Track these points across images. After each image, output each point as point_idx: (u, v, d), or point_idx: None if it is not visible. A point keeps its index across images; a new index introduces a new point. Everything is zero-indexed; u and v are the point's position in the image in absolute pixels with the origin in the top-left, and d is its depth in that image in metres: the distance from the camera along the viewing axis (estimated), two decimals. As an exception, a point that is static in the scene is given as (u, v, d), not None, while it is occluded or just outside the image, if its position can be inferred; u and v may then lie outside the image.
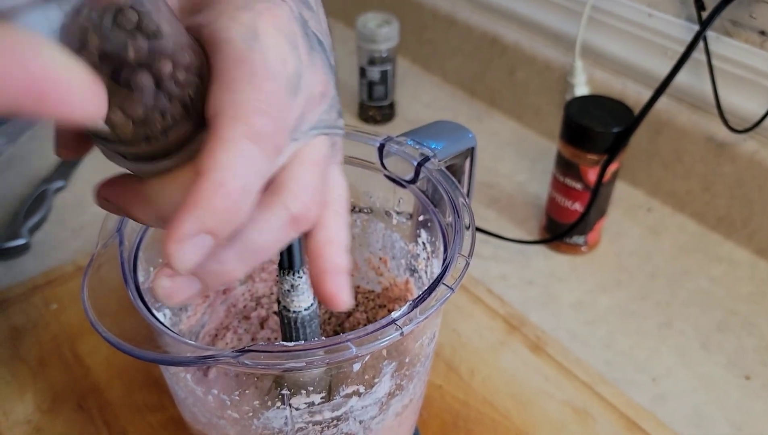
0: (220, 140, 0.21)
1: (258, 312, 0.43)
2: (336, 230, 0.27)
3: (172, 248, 0.21)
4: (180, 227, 0.21)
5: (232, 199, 0.21)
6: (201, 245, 0.21)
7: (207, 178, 0.21)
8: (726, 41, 0.60)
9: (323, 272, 0.27)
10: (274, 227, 0.24)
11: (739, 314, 0.58)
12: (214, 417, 0.32)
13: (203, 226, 0.21)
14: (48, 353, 0.53)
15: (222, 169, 0.21)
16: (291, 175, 0.24)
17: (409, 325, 0.28)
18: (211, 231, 0.21)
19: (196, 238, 0.21)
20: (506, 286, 0.60)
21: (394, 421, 0.34)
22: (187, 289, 0.24)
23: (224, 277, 0.24)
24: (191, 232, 0.21)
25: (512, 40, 0.78)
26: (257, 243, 0.24)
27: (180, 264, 0.21)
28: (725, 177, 0.63)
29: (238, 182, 0.21)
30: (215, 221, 0.21)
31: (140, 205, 0.24)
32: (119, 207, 0.25)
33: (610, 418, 0.49)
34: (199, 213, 0.21)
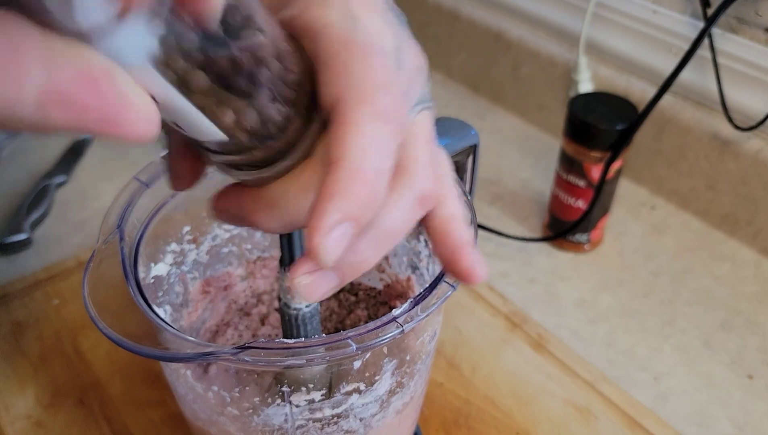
0: (348, 125, 0.21)
1: (259, 309, 0.43)
2: (454, 205, 0.27)
3: (318, 242, 0.21)
4: (324, 219, 0.21)
5: (371, 184, 0.21)
6: (345, 235, 0.21)
7: (342, 165, 0.21)
8: (731, 38, 0.59)
9: (455, 249, 0.26)
10: (404, 209, 0.24)
11: (743, 313, 0.58)
12: (214, 414, 0.32)
13: (346, 215, 0.21)
14: (49, 348, 0.53)
15: (355, 154, 0.21)
16: (410, 155, 0.24)
17: (410, 322, 0.28)
18: (354, 218, 0.21)
19: (340, 228, 0.21)
20: (508, 284, 0.60)
21: (395, 418, 0.34)
22: (326, 284, 0.23)
23: (360, 267, 0.24)
24: (335, 223, 0.21)
25: (516, 36, 0.77)
26: (390, 228, 0.24)
27: (326, 257, 0.21)
28: (729, 175, 0.63)
29: (373, 165, 0.21)
30: (357, 208, 0.21)
31: (264, 211, 0.24)
32: (240, 216, 0.25)
33: (611, 417, 0.48)
34: (340, 202, 0.21)
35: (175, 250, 0.37)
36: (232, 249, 0.42)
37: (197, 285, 0.40)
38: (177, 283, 0.38)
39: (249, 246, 0.42)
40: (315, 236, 0.21)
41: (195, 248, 0.39)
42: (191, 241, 0.39)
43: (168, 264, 0.37)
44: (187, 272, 0.39)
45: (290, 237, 0.32)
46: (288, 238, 0.32)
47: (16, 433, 0.47)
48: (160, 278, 0.36)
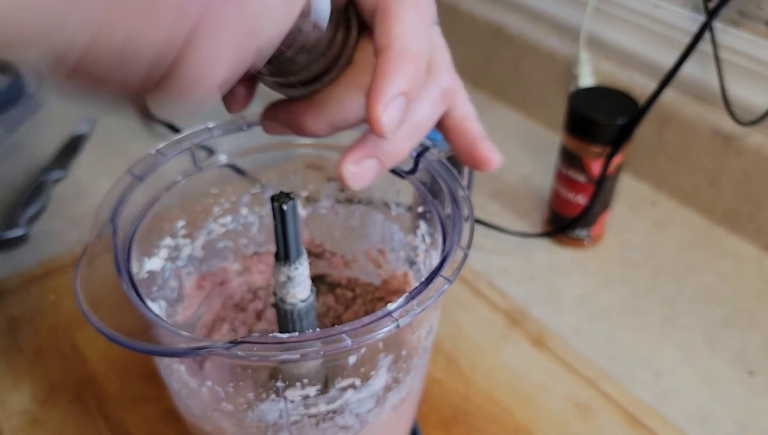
0: (392, 14, 0.25)
1: (255, 304, 0.42)
2: (466, 106, 0.30)
3: (379, 112, 0.24)
4: (383, 93, 0.24)
5: (416, 62, 0.24)
6: (400, 107, 0.24)
7: (392, 48, 0.24)
8: (733, 32, 0.59)
9: (473, 141, 0.30)
10: (432, 101, 0.27)
11: (745, 310, 0.57)
12: (209, 410, 0.32)
13: (399, 89, 0.24)
14: (45, 344, 0.52)
15: (402, 36, 0.24)
16: (436, 56, 0.28)
17: (405, 317, 0.27)
18: (406, 92, 0.24)
19: (396, 101, 0.24)
20: (508, 280, 0.60)
21: (392, 414, 0.34)
22: (371, 170, 0.27)
23: (398, 155, 0.27)
24: (392, 95, 0.24)
25: (517, 30, 0.77)
26: (420, 117, 0.27)
27: (387, 125, 0.24)
28: (732, 170, 0.62)
29: (416, 45, 0.25)
30: (407, 83, 0.24)
31: (312, 114, 0.27)
32: (289, 123, 0.28)
33: (612, 414, 0.48)
34: (394, 78, 0.24)
35: (169, 244, 0.37)
36: (227, 244, 0.41)
37: (192, 280, 0.40)
38: (172, 278, 0.38)
39: (245, 241, 0.42)
40: (377, 107, 0.24)
41: (190, 243, 0.39)
42: (186, 235, 0.38)
43: (162, 259, 0.37)
44: (182, 267, 0.39)
45: (285, 231, 0.31)
46: (283, 233, 0.31)
47: (12, 429, 0.47)
48: (154, 273, 0.36)
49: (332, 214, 0.42)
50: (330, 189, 0.41)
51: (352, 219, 0.41)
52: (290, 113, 0.28)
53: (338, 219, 0.42)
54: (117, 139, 0.75)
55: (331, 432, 0.32)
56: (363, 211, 0.41)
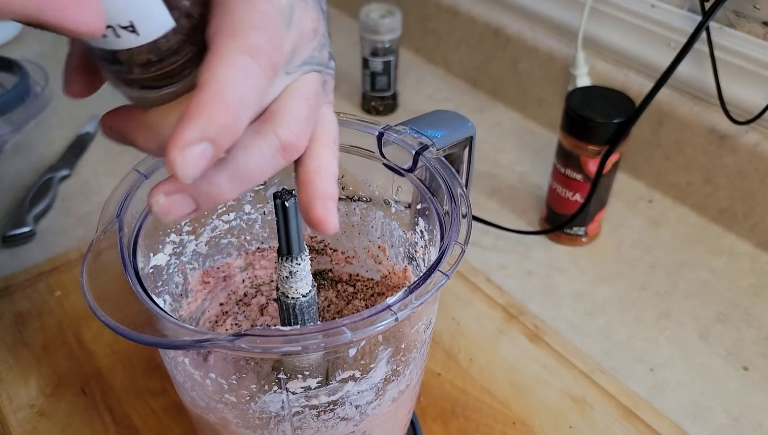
0: (218, 55, 0.23)
1: (258, 299, 0.43)
2: (325, 160, 0.28)
3: (175, 155, 0.22)
4: (182, 134, 0.22)
5: (231, 109, 0.22)
6: (202, 153, 0.22)
7: (206, 89, 0.22)
8: (729, 32, 0.60)
9: (312, 199, 0.27)
10: (265, 153, 0.25)
11: (739, 306, 0.58)
12: (212, 401, 0.33)
13: (204, 134, 0.22)
14: (52, 339, 0.53)
15: (220, 80, 0.22)
16: (282, 105, 0.26)
17: (404, 310, 0.28)
18: (212, 139, 0.22)
19: (198, 146, 0.22)
20: (505, 276, 0.60)
21: (391, 406, 0.35)
22: (181, 207, 0.25)
23: (216, 199, 0.25)
24: (193, 139, 0.22)
25: (515, 31, 0.78)
26: (248, 167, 0.25)
27: (182, 171, 0.22)
28: (727, 169, 0.63)
29: (236, 93, 0.22)
30: (215, 130, 0.22)
31: (143, 132, 0.25)
32: (123, 134, 0.26)
33: (607, 407, 0.49)
34: (199, 121, 0.22)
35: (174, 240, 0.38)
36: (231, 240, 0.42)
37: (196, 275, 0.41)
38: (176, 274, 0.39)
39: (248, 237, 0.43)
40: (172, 150, 0.22)
41: (194, 239, 0.40)
42: (190, 232, 0.39)
43: (167, 254, 0.37)
44: (186, 263, 0.40)
45: (287, 228, 0.32)
46: (285, 229, 0.32)
47: (19, 422, 0.48)
48: (159, 268, 0.37)
49: (333, 211, 0.43)
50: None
51: (353, 216, 0.42)
52: (125, 125, 0.26)
53: (339, 216, 0.43)
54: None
55: (331, 423, 0.33)
56: (363, 209, 0.42)
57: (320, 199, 0.27)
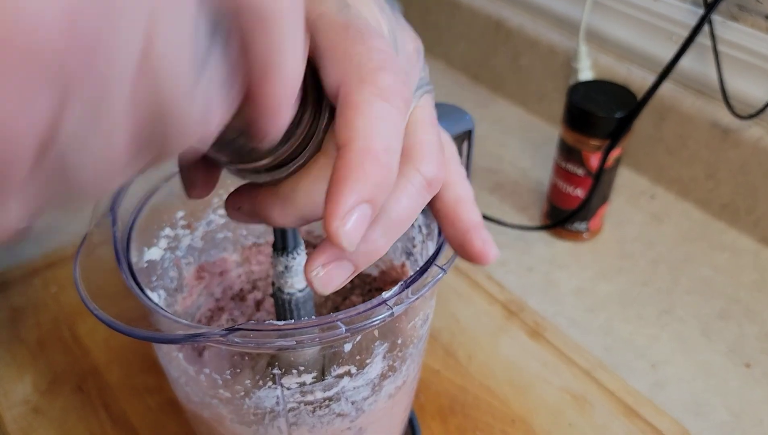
0: (353, 106, 0.21)
1: (254, 294, 0.43)
2: (462, 187, 0.27)
3: (337, 226, 0.20)
4: (340, 203, 0.20)
5: (382, 162, 0.21)
6: (363, 217, 0.21)
7: (352, 147, 0.21)
8: (732, 26, 0.59)
9: (465, 232, 0.26)
10: (412, 194, 0.24)
11: (742, 302, 0.57)
12: (207, 396, 0.32)
13: (361, 197, 0.21)
14: (47, 335, 0.53)
15: (364, 134, 0.21)
16: (416, 140, 0.24)
17: (400, 305, 0.28)
18: (370, 199, 0.21)
19: (357, 210, 0.21)
20: (506, 273, 0.60)
21: (387, 402, 0.34)
22: (341, 275, 0.24)
23: (373, 256, 0.24)
24: (351, 205, 0.20)
25: (516, 24, 0.77)
26: (399, 213, 0.24)
27: (347, 240, 0.21)
28: (730, 163, 0.62)
29: (382, 144, 0.21)
30: (371, 189, 0.21)
31: (278, 207, 0.24)
32: (253, 213, 0.25)
33: (608, 405, 0.48)
34: (354, 184, 0.20)
35: (169, 234, 0.37)
36: (227, 235, 0.42)
37: (192, 270, 0.40)
38: (171, 268, 0.38)
39: (244, 232, 0.42)
40: (334, 221, 0.20)
41: (189, 233, 0.39)
42: (185, 226, 0.39)
43: (162, 248, 0.37)
44: (181, 257, 0.39)
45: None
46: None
47: (14, 419, 0.47)
48: (153, 263, 0.36)
49: (330, 205, 0.42)
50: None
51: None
52: (255, 204, 0.25)
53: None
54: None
55: (327, 419, 0.33)
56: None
57: (474, 231, 0.26)
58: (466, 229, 0.26)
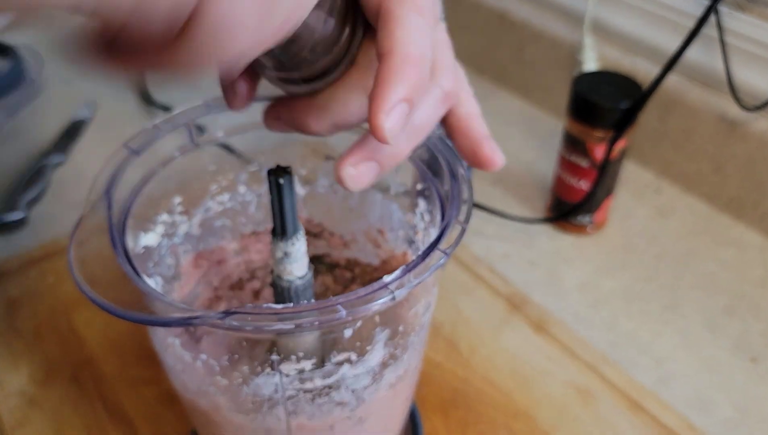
0: (394, 19, 0.24)
1: (252, 284, 0.42)
2: (472, 104, 0.30)
3: (382, 119, 0.23)
4: (386, 99, 0.24)
5: (419, 67, 0.24)
6: (402, 113, 0.24)
7: (395, 54, 0.24)
8: (739, 17, 0.58)
9: (476, 141, 0.30)
10: (433, 104, 0.27)
11: (747, 297, 0.57)
12: (204, 384, 0.32)
13: (402, 95, 0.24)
14: (43, 325, 0.52)
15: (404, 41, 0.24)
16: (437, 57, 0.27)
17: (401, 289, 0.27)
18: (408, 99, 0.24)
19: (398, 108, 0.24)
20: (509, 266, 0.59)
21: (389, 392, 0.34)
22: (369, 173, 0.27)
23: (397, 158, 0.27)
24: (395, 102, 0.24)
25: (521, 16, 0.76)
26: (421, 121, 0.27)
27: (390, 133, 0.24)
28: (736, 157, 0.61)
29: (419, 51, 0.24)
30: (410, 89, 0.24)
31: (314, 114, 0.27)
32: (291, 121, 0.28)
33: (612, 398, 0.48)
34: (398, 84, 0.24)
35: (166, 220, 0.37)
36: (225, 222, 0.41)
37: (189, 258, 0.39)
38: (168, 256, 0.38)
39: (243, 220, 0.42)
40: (380, 114, 0.23)
41: (187, 220, 0.38)
42: (183, 212, 0.38)
43: (159, 234, 0.36)
44: (178, 245, 0.38)
45: (282, 206, 0.31)
46: (280, 207, 0.31)
47: (10, 409, 0.46)
48: (150, 249, 0.36)
49: (331, 193, 0.41)
50: (328, 167, 0.41)
51: (350, 198, 0.41)
52: (292, 112, 0.28)
53: (337, 198, 0.41)
54: (118, 124, 0.74)
55: (327, 408, 0.32)
56: (362, 191, 0.40)
57: (485, 140, 0.30)
58: (477, 139, 0.30)
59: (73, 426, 0.45)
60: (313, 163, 0.41)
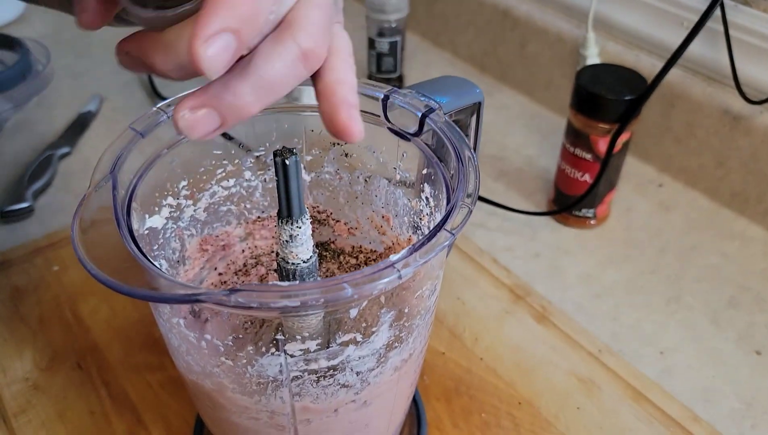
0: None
1: (258, 269, 0.42)
2: (344, 72, 0.28)
3: (197, 46, 0.22)
4: (205, 27, 0.22)
5: (250, 2, 0.23)
6: (226, 46, 0.22)
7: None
8: (744, 10, 0.58)
9: (335, 106, 0.27)
10: (286, 61, 0.25)
11: (752, 290, 0.57)
12: (208, 365, 0.32)
13: (226, 24, 0.22)
14: (48, 313, 0.52)
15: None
16: (300, 14, 0.25)
17: (408, 268, 0.27)
18: (235, 30, 0.22)
19: (221, 37, 0.22)
20: (512, 258, 0.59)
21: (393, 376, 0.34)
22: (207, 122, 0.25)
23: (240, 111, 0.25)
24: (215, 30, 0.22)
25: (524, 12, 0.76)
26: (270, 76, 0.25)
27: (208, 64, 0.22)
28: (740, 151, 0.61)
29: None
30: (237, 20, 0.22)
31: (161, 52, 0.25)
32: (140, 58, 0.26)
33: (616, 388, 0.47)
34: (221, 12, 0.22)
35: (171, 203, 0.37)
36: (230, 208, 0.41)
37: (194, 242, 0.40)
38: (173, 239, 0.38)
39: (248, 205, 0.42)
40: (195, 42, 0.22)
41: (192, 205, 0.39)
42: (188, 196, 0.38)
43: (164, 217, 0.36)
44: (184, 229, 0.38)
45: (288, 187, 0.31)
46: (286, 189, 0.31)
47: (13, 395, 0.47)
48: (155, 231, 0.36)
49: (336, 179, 0.41)
50: (334, 153, 0.41)
51: (356, 184, 0.41)
52: (142, 48, 0.26)
53: (342, 184, 0.41)
54: (124, 117, 0.75)
55: (331, 390, 0.32)
56: (367, 176, 0.40)
57: (344, 105, 0.27)
58: (337, 103, 0.27)
59: (77, 412, 0.46)
60: (319, 150, 0.41)
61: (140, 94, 0.79)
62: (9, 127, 0.73)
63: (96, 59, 0.85)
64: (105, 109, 0.76)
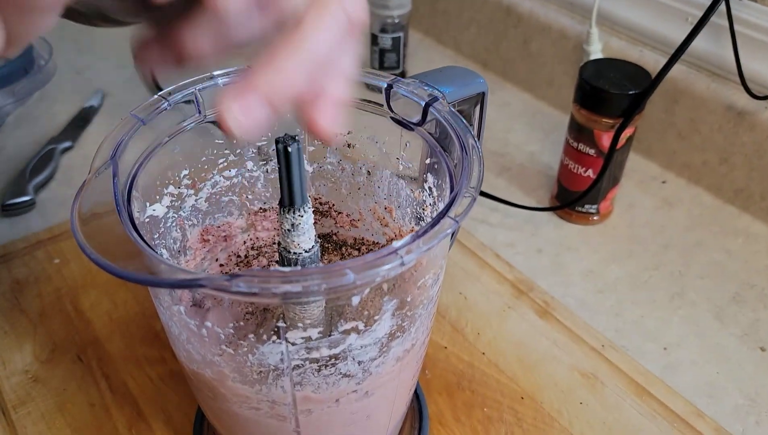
0: None
1: (259, 261, 0.42)
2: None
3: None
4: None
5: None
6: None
7: None
8: (749, 5, 0.58)
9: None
10: (333, 29, 0.23)
11: (756, 287, 0.56)
12: (209, 353, 0.31)
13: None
14: (49, 306, 0.52)
15: None
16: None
17: (410, 254, 0.27)
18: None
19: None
20: (514, 254, 0.59)
21: (395, 365, 0.33)
22: (259, 116, 0.23)
23: (287, 88, 0.23)
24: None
25: (527, 9, 0.76)
26: (317, 48, 0.23)
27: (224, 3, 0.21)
28: (744, 147, 0.61)
29: None
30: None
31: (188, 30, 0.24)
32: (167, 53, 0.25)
33: (619, 384, 0.47)
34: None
35: (172, 192, 0.37)
36: (232, 198, 0.41)
37: (196, 233, 0.39)
38: (175, 228, 0.37)
39: (250, 196, 0.42)
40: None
41: (194, 194, 0.38)
42: (190, 185, 0.38)
43: (165, 206, 0.36)
44: (185, 218, 0.38)
45: (290, 175, 0.31)
46: (288, 177, 0.31)
47: (13, 387, 0.46)
48: (156, 219, 0.35)
49: (338, 170, 0.41)
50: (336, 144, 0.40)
51: (358, 175, 0.41)
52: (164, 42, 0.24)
53: (344, 175, 0.41)
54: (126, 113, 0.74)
55: (333, 380, 0.32)
56: (370, 167, 0.40)
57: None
58: None
59: (77, 405, 0.45)
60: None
61: (143, 89, 0.79)
62: (11, 121, 0.72)
63: (98, 54, 0.85)
64: (107, 104, 0.76)
